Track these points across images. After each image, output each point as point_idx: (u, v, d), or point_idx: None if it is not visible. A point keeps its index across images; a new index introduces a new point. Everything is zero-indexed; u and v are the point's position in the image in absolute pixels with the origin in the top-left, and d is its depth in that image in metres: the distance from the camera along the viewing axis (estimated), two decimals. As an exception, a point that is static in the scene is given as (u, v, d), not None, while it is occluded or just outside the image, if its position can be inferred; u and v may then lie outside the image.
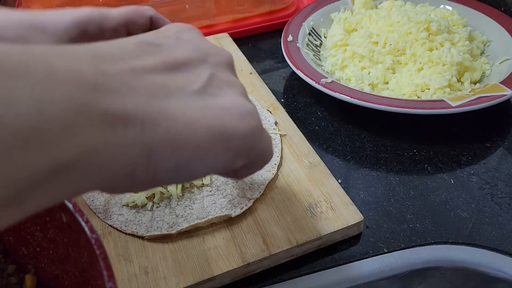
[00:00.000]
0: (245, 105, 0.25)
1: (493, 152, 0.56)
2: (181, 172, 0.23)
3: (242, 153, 0.25)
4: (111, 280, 0.24)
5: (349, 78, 0.64)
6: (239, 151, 0.24)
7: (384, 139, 0.59)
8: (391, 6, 0.76)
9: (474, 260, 0.45)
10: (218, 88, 0.25)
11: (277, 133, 0.55)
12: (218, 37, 0.75)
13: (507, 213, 0.49)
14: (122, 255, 0.43)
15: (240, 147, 0.24)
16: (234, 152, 0.24)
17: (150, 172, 0.22)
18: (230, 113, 0.24)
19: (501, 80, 0.59)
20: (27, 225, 0.32)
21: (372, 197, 0.51)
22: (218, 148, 0.23)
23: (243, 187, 0.48)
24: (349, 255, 0.45)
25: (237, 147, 0.24)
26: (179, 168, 0.22)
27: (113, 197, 0.48)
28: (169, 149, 0.21)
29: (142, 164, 0.21)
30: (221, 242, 0.44)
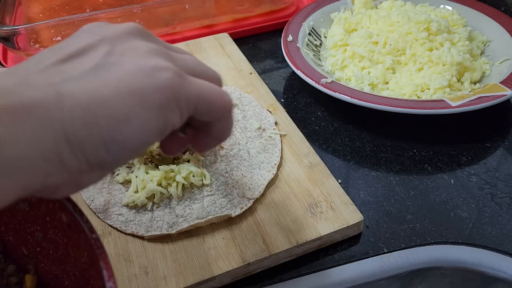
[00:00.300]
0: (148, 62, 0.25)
1: (493, 152, 0.56)
2: (113, 147, 0.23)
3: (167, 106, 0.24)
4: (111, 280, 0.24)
5: (349, 78, 0.64)
6: (161, 106, 0.24)
7: (384, 139, 0.59)
8: (391, 6, 0.76)
9: (474, 260, 0.45)
10: (120, 57, 0.25)
11: (277, 133, 0.55)
12: (218, 37, 0.75)
13: (507, 213, 0.49)
14: (122, 255, 0.43)
15: (160, 102, 0.24)
16: (156, 109, 0.24)
17: (79, 155, 0.22)
18: (134, 75, 0.24)
19: (501, 80, 0.59)
20: (27, 225, 0.32)
21: (372, 197, 0.51)
22: (136, 110, 0.23)
23: (243, 187, 0.48)
24: (349, 255, 0.45)
25: (155, 102, 0.24)
26: (107, 143, 0.23)
27: (113, 197, 0.48)
28: (84, 127, 0.22)
29: (65, 150, 0.21)
30: (221, 242, 0.44)
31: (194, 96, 0.26)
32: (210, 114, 0.28)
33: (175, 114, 0.25)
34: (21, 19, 0.80)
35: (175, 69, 0.26)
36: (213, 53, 0.71)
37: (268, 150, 0.53)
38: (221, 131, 0.31)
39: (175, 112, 0.25)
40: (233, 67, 0.68)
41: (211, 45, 0.73)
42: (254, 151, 0.52)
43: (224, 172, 0.50)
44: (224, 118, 0.30)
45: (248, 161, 0.51)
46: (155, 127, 0.24)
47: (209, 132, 0.30)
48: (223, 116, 0.29)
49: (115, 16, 0.73)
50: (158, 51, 0.26)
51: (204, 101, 0.27)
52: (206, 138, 0.31)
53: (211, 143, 0.31)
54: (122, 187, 0.49)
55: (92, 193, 0.48)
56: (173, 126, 0.26)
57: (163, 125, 0.25)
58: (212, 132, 0.30)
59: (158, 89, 0.24)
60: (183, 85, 0.26)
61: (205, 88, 0.28)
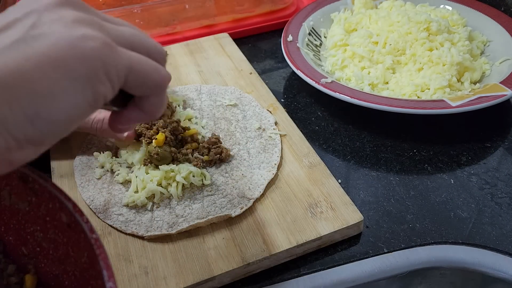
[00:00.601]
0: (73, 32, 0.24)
1: (493, 152, 0.56)
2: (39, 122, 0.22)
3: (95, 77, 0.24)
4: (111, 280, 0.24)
5: (349, 78, 0.64)
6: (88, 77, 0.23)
7: (384, 139, 0.59)
8: (391, 6, 0.76)
9: (474, 260, 0.45)
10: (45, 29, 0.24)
11: (277, 133, 0.55)
12: (218, 37, 0.75)
13: (507, 213, 0.49)
14: (122, 255, 0.43)
15: (86, 73, 0.23)
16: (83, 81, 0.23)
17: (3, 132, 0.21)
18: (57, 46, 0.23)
19: (501, 80, 0.59)
20: (27, 225, 0.32)
21: (372, 197, 0.51)
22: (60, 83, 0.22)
23: (243, 187, 0.48)
24: (349, 255, 0.45)
25: (81, 74, 0.23)
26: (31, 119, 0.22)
27: (113, 197, 0.48)
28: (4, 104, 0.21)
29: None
30: (221, 242, 0.44)
31: (125, 67, 0.26)
32: (142, 88, 0.28)
33: (105, 85, 0.25)
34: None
35: (103, 39, 0.25)
36: (213, 53, 0.71)
37: (268, 150, 0.53)
38: (153, 106, 0.29)
39: (104, 83, 0.24)
40: (233, 67, 0.68)
41: (211, 45, 0.73)
42: (254, 151, 0.52)
43: (224, 172, 0.50)
44: (157, 94, 0.29)
45: (248, 161, 0.51)
46: (84, 99, 0.24)
47: (141, 107, 0.29)
48: (156, 91, 0.29)
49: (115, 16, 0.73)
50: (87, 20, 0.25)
51: (136, 72, 0.26)
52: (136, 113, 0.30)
53: (141, 118, 0.30)
54: (122, 187, 0.49)
55: (92, 193, 0.48)
56: (104, 97, 0.25)
57: (92, 97, 0.24)
58: (144, 106, 0.29)
59: (84, 59, 0.23)
60: (111, 55, 0.25)
61: (138, 60, 0.27)
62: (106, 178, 0.50)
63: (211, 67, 0.68)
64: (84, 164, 0.52)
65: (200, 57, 0.70)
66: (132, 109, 0.30)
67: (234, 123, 0.57)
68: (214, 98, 0.61)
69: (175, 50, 0.72)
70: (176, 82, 0.65)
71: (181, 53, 0.71)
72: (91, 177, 0.50)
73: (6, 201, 0.32)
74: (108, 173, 0.51)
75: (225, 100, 0.60)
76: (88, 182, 0.50)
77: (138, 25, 0.76)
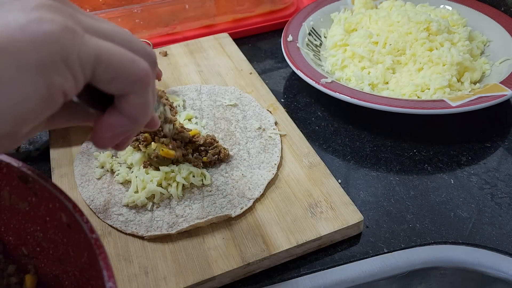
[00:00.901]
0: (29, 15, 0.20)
1: (493, 152, 0.56)
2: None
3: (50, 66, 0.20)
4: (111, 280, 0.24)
5: (349, 78, 0.64)
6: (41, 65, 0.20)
7: (384, 139, 0.59)
8: (391, 6, 0.76)
9: (474, 260, 0.45)
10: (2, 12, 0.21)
11: (277, 133, 0.55)
12: (218, 37, 0.75)
13: (507, 213, 0.49)
14: (122, 255, 0.43)
15: (37, 60, 0.20)
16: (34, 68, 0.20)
17: None
18: (6, 28, 0.20)
19: (501, 80, 0.59)
20: (27, 225, 0.32)
21: (372, 197, 0.51)
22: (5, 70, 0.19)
23: (243, 187, 0.48)
24: (349, 255, 0.45)
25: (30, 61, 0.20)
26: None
27: (113, 197, 0.48)
28: None
29: None
30: (221, 242, 0.44)
31: (91, 55, 0.22)
32: (115, 83, 0.23)
33: (64, 75, 0.21)
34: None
35: (64, 22, 0.21)
36: (213, 53, 0.71)
37: (268, 150, 0.53)
38: (133, 108, 0.24)
39: (62, 73, 0.21)
40: (233, 67, 0.68)
41: (211, 45, 0.73)
42: (254, 151, 0.52)
43: (224, 172, 0.50)
44: (137, 92, 0.24)
45: (248, 161, 0.51)
46: (35, 92, 0.20)
47: (120, 109, 0.24)
48: (135, 88, 0.24)
49: (115, 16, 0.73)
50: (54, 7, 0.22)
51: (106, 62, 0.22)
52: (117, 118, 0.25)
53: (123, 124, 0.25)
54: (122, 187, 0.49)
55: (92, 193, 0.48)
56: (63, 91, 0.21)
57: (46, 89, 0.21)
58: (123, 108, 0.24)
59: (35, 44, 0.20)
60: (73, 40, 0.21)
61: (108, 48, 0.23)
62: (106, 178, 0.50)
63: (211, 67, 0.68)
64: (84, 164, 0.52)
65: (200, 57, 0.70)
66: (112, 113, 0.25)
67: (234, 123, 0.57)
68: (214, 98, 0.61)
69: (175, 50, 0.72)
70: (176, 82, 0.65)
71: (181, 53, 0.71)
72: (91, 177, 0.50)
73: (6, 201, 0.32)
74: (108, 173, 0.51)
75: (225, 100, 0.60)
76: (88, 182, 0.50)
77: (138, 25, 0.76)
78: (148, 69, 0.24)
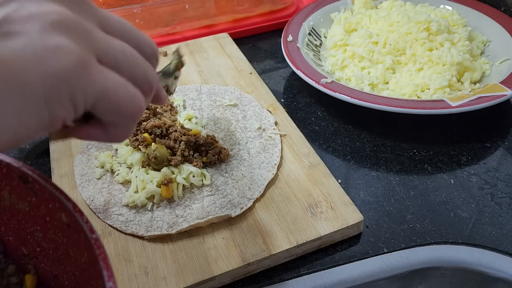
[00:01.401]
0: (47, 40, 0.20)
1: (493, 152, 0.56)
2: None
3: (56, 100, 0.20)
4: (111, 280, 0.24)
5: (349, 78, 0.64)
6: (48, 99, 0.20)
7: (384, 139, 0.59)
8: (391, 6, 0.76)
9: (474, 260, 0.45)
10: (18, 26, 0.20)
11: (277, 133, 0.55)
12: (218, 37, 0.75)
13: (507, 213, 0.49)
14: (122, 255, 0.43)
15: (45, 94, 0.20)
16: (40, 102, 0.20)
17: None
18: (21, 55, 0.19)
19: (501, 80, 0.59)
20: (27, 225, 0.32)
21: (372, 197, 0.51)
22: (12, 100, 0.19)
23: (243, 187, 0.48)
24: (349, 255, 0.45)
25: (39, 94, 0.20)
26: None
27: (113, 197, 0.48)
28: None
29: None
30: (221, 242, 0.44)
31: (96, 92, 0.22)
32: (110, 116, 0.24)
33: (67, 109, 0.21)
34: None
35: (78, 54, 0.21)
36: (213, 53, 0.71)
37: (268, 150, 0.53)
38: (118, 134, 0.26)
39: (66, 107, 0.21)
40: (233, 67, 0.68)
41: (211, 45, 0.73)
42: (254, 151, 0.52)
43: (224, 172, 0.50)
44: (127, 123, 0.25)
45: (248, 161, 0.51)
46: (37, 121, 0.20)
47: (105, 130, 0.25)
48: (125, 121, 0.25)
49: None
50: (72, 24, 0.21)
51: (108, 100, 0.23)
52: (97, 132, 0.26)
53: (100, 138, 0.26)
54: (122, 187, 0.49)
55: (92, 193, 0.48)
56: (63, 121, 0.22)
57: (48, 119, 0.21)
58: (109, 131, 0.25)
59: (48, 78, 0.20)
60: (83, 77, 0.21)
61: (113, 86, 0.23)
62: (106, 178, 0.50)
63: (211, 67, 0.68)
64: (84, 164, 0.52)
65: (200, 57, 0.70)
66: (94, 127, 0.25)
67: (234, 123, 0.57)
68: (214, 98, 0.61)
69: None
70: (176, 82, 0.65)
71: (181, 53, 0.71)
72: (91, 177, 0.50)
73: (6, 201, 0.32)
74: (108, 173, 0.51)
75: (225, 100, 0.60)
76: (88, 182, 0.50)
77: (138, 25, 0.76)
78: (142, 105, 0.25)
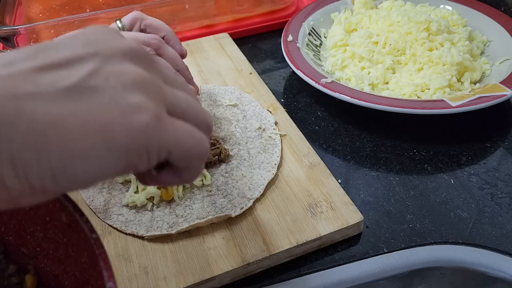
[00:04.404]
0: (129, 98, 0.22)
1: (493, 152, 0.56)
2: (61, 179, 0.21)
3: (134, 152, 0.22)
4: (111, 280, 0.24)
5: (349, 78, 0.64)
6: (128, 151, 0.22)
7: (384, 139, 0.59)
8: (391, 6, 0.76)
9: (474, 260, 0.45)
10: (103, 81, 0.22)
11: (277, 133, 0.55)
12: (218, 37, 0.75)
13: (507, 213, 0.49)
14: (122, 255, 0.43)
15: (126, 146, 0.22)
16: (120, 152, 0.22)
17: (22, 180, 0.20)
18: (107, 109, 0.21)
19: (501, 80, 0.59)
20: (27, 225, 0.32)
21: (372, 197, 0.51)
22: (97, 149, 0.21)
23: (243, 187, 0.48)
24: (349, 255, 0.45)
25: (121, 146, 0.22)
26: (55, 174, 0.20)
27: (113, 197, 0.48)
28: (35, 153, 0.20)
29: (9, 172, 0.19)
30: (221, 242, 0.44)
31: (169, 143, 0.24)
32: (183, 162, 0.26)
33: (142, 160, 0.23)
34: (21, 19, 0.80)
35: (155, 111, 0.23)
36: (213, 53, 0.71)
37: (268, 150, 0.53)
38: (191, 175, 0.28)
39: (141, 157, 0.23)
40: (233, 67, 0.68)
41: (211, 45, 0.73)
42: (254, 151, 0.52)
43: (224, 172, 0.50)
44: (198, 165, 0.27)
45: (248, 161, 0.51)
46: (114, 168, 0.22)
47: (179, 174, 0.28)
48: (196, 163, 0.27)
49: (115, 16, 0.73)
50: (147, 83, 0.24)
51: (179, 149, 0.25)
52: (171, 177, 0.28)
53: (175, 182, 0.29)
54: (122, 187, 0.49)
55: (92, 193, 0.48)
56: (136, 169, 0.23)
57: (123, 167, 0.23)
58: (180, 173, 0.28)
59: (129, 132, 0.22)
60: (158, 131, 0.23)
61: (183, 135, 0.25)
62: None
63: (211, 67, 0.68)
64: (84, 164, 0.52)
65: (200, 57, 0.70)
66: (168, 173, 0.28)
67: (234, 123, 0.57)
68: (214, 98, 0.61)
69: (175, 50, 0.72)
70: (176, 82, 0.65)
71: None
72: (91, 177, 0.50)
73: (6, 201, 0.32)
74: (108, 173, 0.51)
75: (225, 100, 0.60)
76: (88, 182, 0.50)
77: (138, 25, 0.76)
78: (208, 146, 0.27)
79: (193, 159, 0.26)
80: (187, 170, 0.27)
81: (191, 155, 0.26)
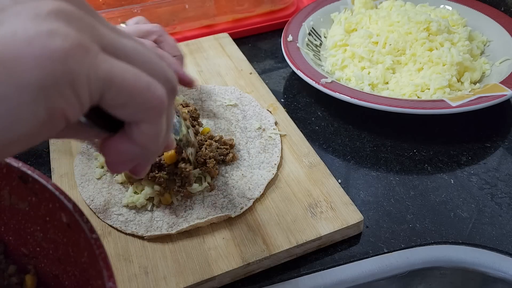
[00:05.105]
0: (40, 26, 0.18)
1: (493, 152, 0.56)
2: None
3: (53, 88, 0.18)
4: (111, 280, 0.24)
5: (349, 78, 0.64)
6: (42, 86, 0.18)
7: (384, 139, 0.59)
8: (391, 6, 0.76)
9: (474, 260, 0.45)
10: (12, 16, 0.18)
11: (277, 133, 0.55)
12: (218, 37, 0.75)
13: (507, 213, 0.49)
14: (122, 255, 0.43)
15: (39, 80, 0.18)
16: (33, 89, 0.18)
17: None
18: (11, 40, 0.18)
19: (501, 80, 0.59)
20: (27, 225, 0.32)
21: (372, 197, 0.51)
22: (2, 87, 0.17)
23: (243, 187, 0.48)
24: (349, 255, 0.45)
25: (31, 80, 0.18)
26: None
27: (113, 197, 0.48)
28: None
29: None
30: (221, 242, 0.44)
31: (101, 78, 0.20)
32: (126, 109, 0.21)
33: (68, 99, 0.19)
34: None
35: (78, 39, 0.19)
36: (213, 53, 0.71)
37: (268, 150, 0.53)
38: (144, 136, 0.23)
39: (67, 96, 0.19)
40: (233, 67, 0.68)
41: (211, 45, 0.73)
42: (254, 151, 0.52)
43: (224, 172, 0.50)
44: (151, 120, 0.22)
45: (248, 161, 0.51)
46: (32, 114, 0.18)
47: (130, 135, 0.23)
48: (148, 117, 0.22)
49: (115, 16, 0.73)
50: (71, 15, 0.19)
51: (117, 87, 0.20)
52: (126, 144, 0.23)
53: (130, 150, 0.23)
54: (122, 187, 0.49)
55: (92, 193, 0.48)
56: (65, 115, 0.19)
57: (45, 113, 0.18)
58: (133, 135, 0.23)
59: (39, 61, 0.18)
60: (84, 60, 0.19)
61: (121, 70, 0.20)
62: (106, 178, 0.50)
63: (211, 67, 0.68)
64: (84, 164, 0.52)
65: (200, 57, 0.70)
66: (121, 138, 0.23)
67: (234, 123, 0.57)
68: (214, 98, 0.61)
69: (175, 50, 0.72)
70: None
71: (181, 53, 0.71)
72: (91, 177, 0.50)
73: (6, 201, 0.32)
74: (108, 173, 0.51)
75: (225, 100, 0.60)
76: (88, 182, 0.50)
77: (138, 25, 0.76)
78: (163, 96, 0.22)
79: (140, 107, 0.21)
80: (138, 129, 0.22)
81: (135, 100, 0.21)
